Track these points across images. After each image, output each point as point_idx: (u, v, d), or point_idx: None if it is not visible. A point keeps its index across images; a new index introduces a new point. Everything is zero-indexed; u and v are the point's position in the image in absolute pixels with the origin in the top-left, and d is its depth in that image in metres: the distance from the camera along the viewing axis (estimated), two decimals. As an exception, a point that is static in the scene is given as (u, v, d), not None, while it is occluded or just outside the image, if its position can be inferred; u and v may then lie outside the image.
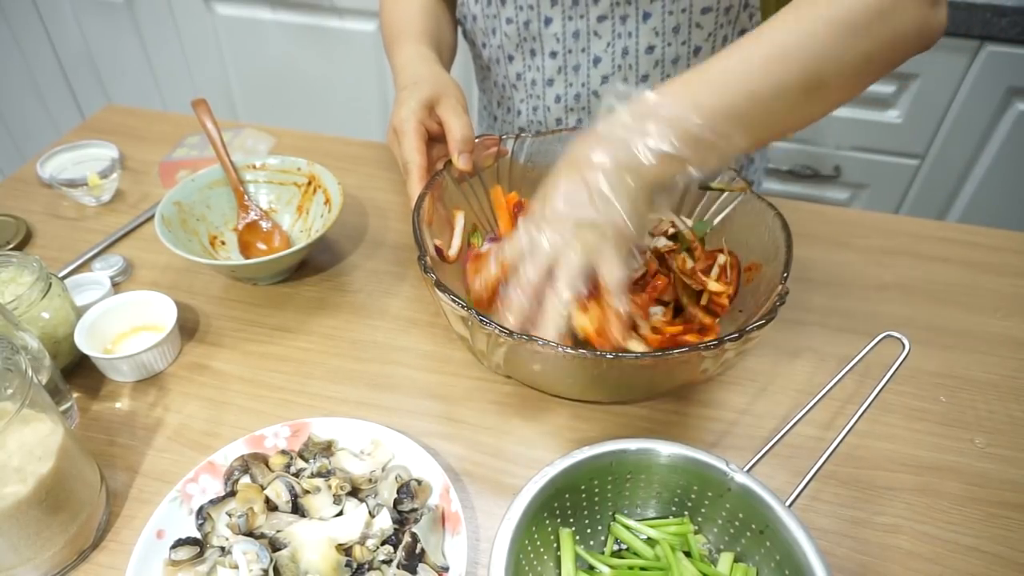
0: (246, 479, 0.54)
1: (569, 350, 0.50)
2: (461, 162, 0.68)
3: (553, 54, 0.84)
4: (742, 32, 0.80)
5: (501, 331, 0.51)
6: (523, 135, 0.73)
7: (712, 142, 0.53)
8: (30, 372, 0.47)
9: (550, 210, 0.54)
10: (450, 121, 0.69)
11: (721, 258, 0.65)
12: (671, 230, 0.68)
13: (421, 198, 0.64)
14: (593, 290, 0.54)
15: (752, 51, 0.53)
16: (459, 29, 0.93)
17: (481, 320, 0.52)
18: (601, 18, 0.79)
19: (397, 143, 0.70)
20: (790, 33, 0.53)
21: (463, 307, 0.53)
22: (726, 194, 0.69)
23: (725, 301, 0.63)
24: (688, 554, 0.49)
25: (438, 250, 0.65)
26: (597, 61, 0.82)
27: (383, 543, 0.51)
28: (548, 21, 0.81)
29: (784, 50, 0.53)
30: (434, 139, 0.71)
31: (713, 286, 0.63)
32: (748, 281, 0.65)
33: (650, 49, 0.79)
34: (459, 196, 0.70)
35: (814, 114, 0.57)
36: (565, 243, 0.53)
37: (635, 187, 0.53)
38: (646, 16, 0.77)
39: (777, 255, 0.61)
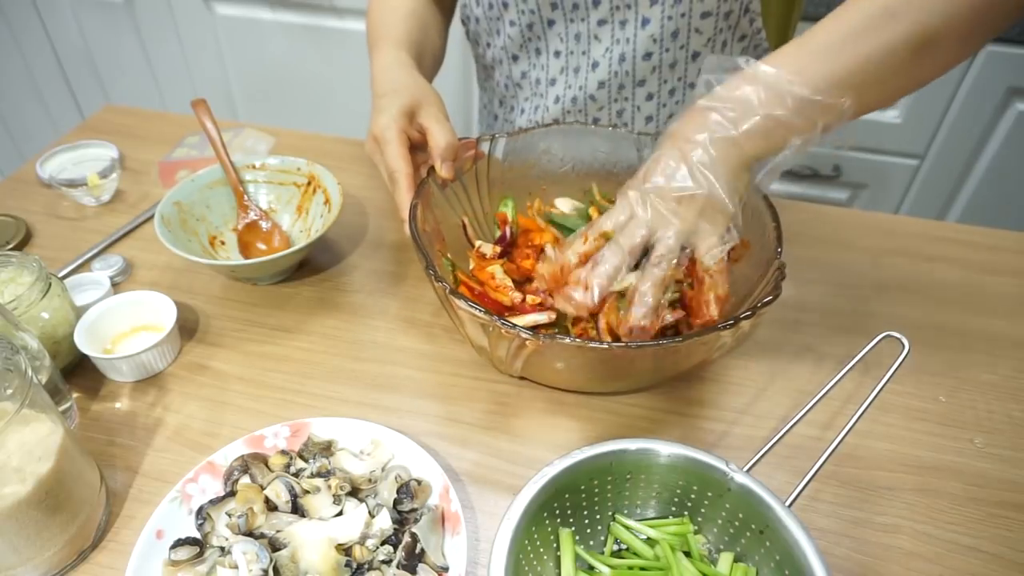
0: (246, 479, 0.54)
1: (599, 344, 0.51)
2: (444, 171, 0.68)
3: (557, 53, 0.84)
4: (742, 37, 0.80)
5: (526, 334, 0.51)
6: (497, 136, 0.73)
7: (817, 108, 0.51)
8: (30, 372, 0.47)
9: (650, 184, 0.55)
10: (433, 129, 0.68)
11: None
12: None
13: (414, 208, 0.64)
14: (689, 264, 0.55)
15: (856, 11, 0.51)
16: (463, 30, 0.93)
17: (503, 324, 0.52)
18: (601, 22, 0.79)
19: (379, 151, 0.69)
20: None
21: (484, 313, 0.53)
22: None
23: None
24: (688, 554, 0.49)
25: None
26: (595, 65, 0.82)
27: (383, 543, 0.51)
28: (551, 23, 0.81)
29: (889, 7, 0.50)
30: (415, 147, 0.71)
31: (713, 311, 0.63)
32: (737, 259, 0.65)
33: (648, 55, 0.79)
34: (444, 201, 0.70)
35: (926, 75, 0.55)
36: (663, 217, 0.54)
37: (735, 161, 0.53)
38: (645, 22, 0.77)
39: (765, 231, 0.62)
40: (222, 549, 0.50)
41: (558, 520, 0.49)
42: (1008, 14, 0.53)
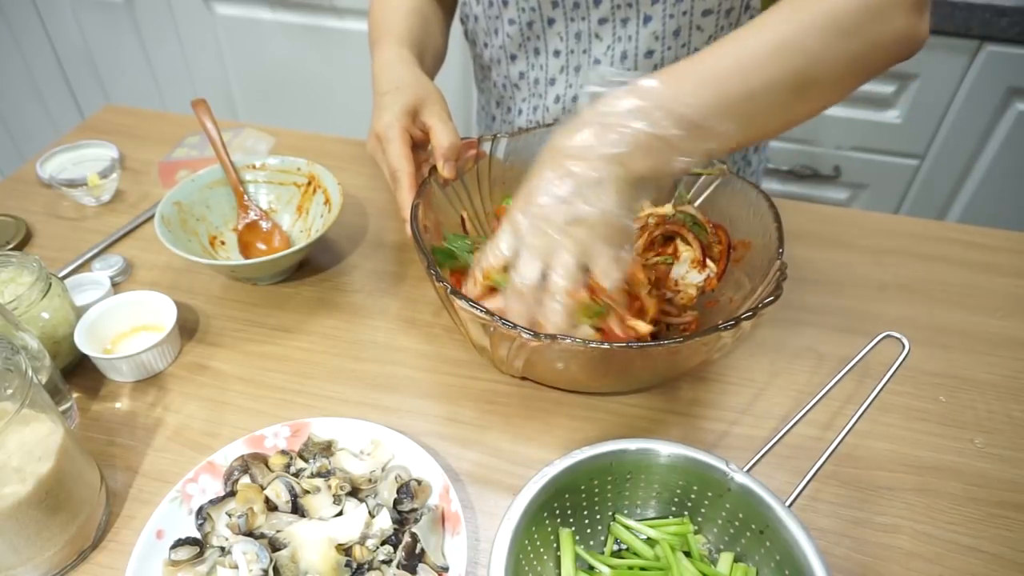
0: (246, 479, 0.54)
1: (599, 344, 0.51)
2: (446, 171, 0.68)
3: (556, 53, 0.84)
4: None
5: (527, 334, 0.51)
6: (499, 136, 0.73)
7: (702, 131, 0.52)
8: (30, 372, 0.47)
9: (536, 206, 0.52)
10: (436, 128, 0.68)
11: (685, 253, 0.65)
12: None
13: (415, 207, 0.64)
14: (589, 287, 0.54)
15: (746, 45, 0.53)
16: (462, 29, 0.93)
17: (505, 324, 0.52)
18: (602, 20, 0.79)
19: (381, 150, 0.69)
20: (783, 31, 0.53)
21: (485, 313, 0.53)
22: (703, 178, 0.69)
23: (692, 293, 0.64)
24: (688, 554, 0.49)
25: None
26: (596, 64, 0.82)
27: (383, 543, 0.51)
28: (551, 22, 0.81)
29: (777, 46, 0.52)
30: (417, 145, 0.70)
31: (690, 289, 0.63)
32: (739, 260, 0.65)
33: (649, 53, 0.79)
34: (445, 201, 0.70)
35: (801, 114, 0.57)
36: (556, 243, 0.51)
37: (624, 178, 0.51)
38: (647, 19, 0.77)
39: (766, 232, 0.62)
40: (222, 549, 0.50)
41: (558, 520, 0.49)
42: (880, 66, 0.57)
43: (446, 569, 0.50)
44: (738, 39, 0.53)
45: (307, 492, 0.53)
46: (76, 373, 0.66)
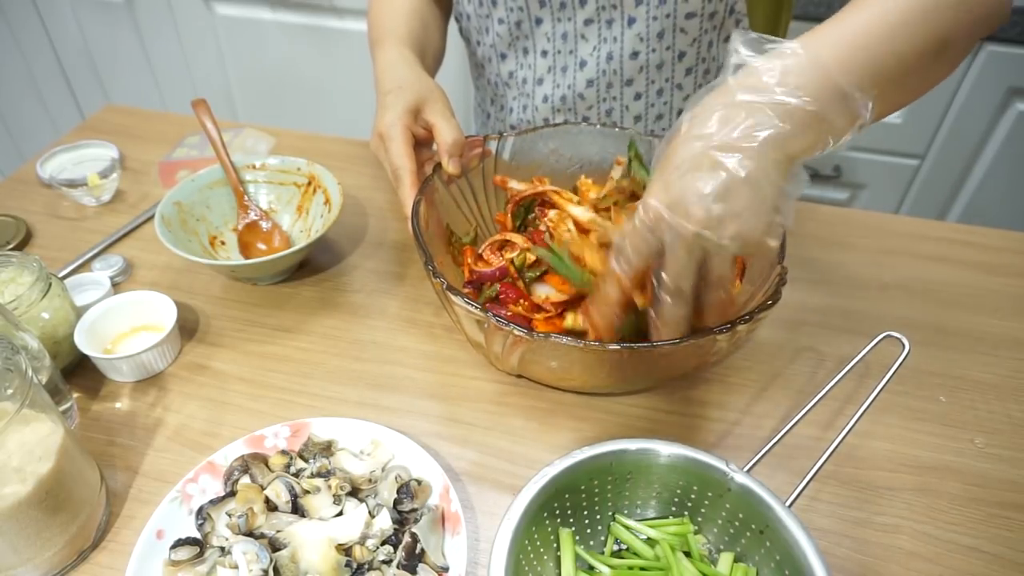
0: (246, 479, 0.54)
1: (592, 344, 0.51)
2: (451, 167, 0.68)
3: (544, 53, 0.84)
4: (728, 39, 0.80)
5: (520, 331, 0.51)
6: (505, 135, 0.73)
7: (855, 103, 0.47)
8: (30, 372, 0.47)
9: (688, 209, 0.46)
10: (439, 125, 0.68)
11: None
12: None
13: (417, 204, 0.64)
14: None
15: (887, 10, 0.48)
16: (457, 27, 0.93)
17: (498, 320, 0.52)
18: (588, 21, 0.79)
19: (383, 149, 0.70)
20: None
21: (479, 310, 0.53)
22: None
23: None
24: (688, 554, 0.49)
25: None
26: (583, 64, 0.82)
27: (383, 543, 0.51)
28: (539, 21, 0.81)
29: (924, 8, 0.48)
30: (420, 144, 0.71)
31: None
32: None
33: (634, 55, 0.79)
34: (448, 199, 0.70)
35: (939, 78, 0.54)
36: (712, 250, 0.47)
37: (783, 163, 0.47)
38: (631, 21, 0.77)
39: None
40: (222, 549, 0.50)
41: (558, 520, 0.49)
42: (978, 36, 0.54)
43: (446, 569, 0.50)
44: (877, 3, 0.49)
45: (307, 492, 0.53)
46: (76, 373, 0.66)
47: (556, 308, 0.62)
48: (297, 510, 0.52)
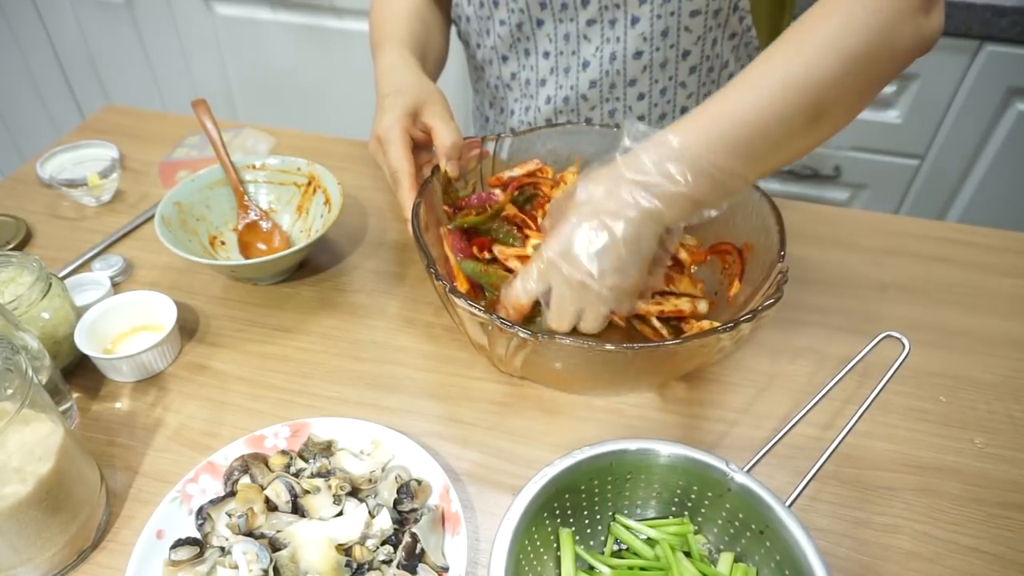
0: (246, 479, 0.54)
1: (597, 345, 0.51)
2: (450, 169, 0.68)
3: (546, 54, 0.84)
4: (732, 36, 0.80)
5: (524, 334, 0.52)
6: (503, 136, 0.73)
7: (728, 180, 0.53)
8: (30, 372, 0.47)
9: (575, 260, 0.54)
10: (438, 127, 0.68)
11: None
12: None
13: (416, 207, 0.64)
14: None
15: (756, 85, 0.53)
16: (455, 30, 0.93)
17: (502, 324, 0.52)
18: (590, 22, 0.79)
19: (382, 152, 0.70)
20: (793, 66, 0.52)
21: (483, 312, 0.53)
22: None
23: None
24: (688, 554, 0.49)
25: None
26: (586, 65, 0.82)
27: (383, 543, 0.51)
28: (540, 23, 0.81)
29: (787, 80, 0.52)
30: (418, 146, 0.71)
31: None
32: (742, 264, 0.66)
33: (638, 54, 0.79)
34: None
35: (819, 141, 0.57)
36: (594, 298, 0.55)
37: (656, 231, 0.55)
38: (634, 20, 0.77)
39: (768, 234, 0.62)
40: (222, 549, 0.50)
41: (558, 520, 0.49)
42: (893, 76, 0.57)
43: (446, 569, 0.50)
44: (749, 80, 0.54)
45: (307, 492, 0.53)
46: (76, 373, 0.66)
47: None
48: (297, 510, 0.52)
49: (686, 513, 0.51)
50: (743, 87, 0.53)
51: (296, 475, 0.54)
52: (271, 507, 0.53)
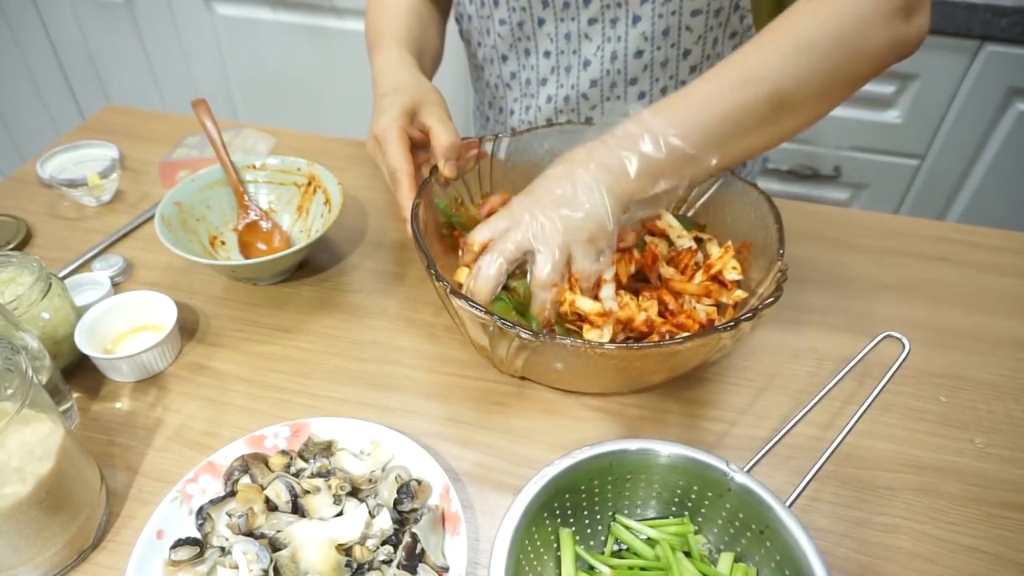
0: (246, 479, 0.54)
1: (598, 345, 0.51)
2: (448, 169, 0.68)
3: (547, 54, 0.84)
4: (733, 35, 0.80)
5: (526, 334, 0.51)
6: (501, 136, 0.73)
7: (687, 157, 0.57)
8: (30, 372, 0.47)
9: (536, 197, 0.59)
10: (435, 128, 0.68)
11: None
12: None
13: (416, 207, 0.64)
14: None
15: (722, 75, 0.58)
16: (457, 28, 0.93)
17: (504, 325, 0.52)
18: (591, 21, 0.79)
19: (380, 152, 0.70)
20: (753, 57, 0.58)
21: (484, 313, 0.53)
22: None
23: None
24: (688, 554, 0.49)
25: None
26: (587, 64, 0.82)
27: (383, 543, 0.51)
28: (541, 22, 0.81)
29: (747, 74, 0.57)
30: (416, 146, 0.71)
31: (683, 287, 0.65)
32: (740, 261, 0.65)
33: (639, 53, 0.79)
34: (447, 200, 0.70)
35: (785, 131, 0.60)
36: (545, 227, 0.57)
37: (614, 189, 0.58)
38: (636, 20, 0.77)
39: (767, 233, 0.62)
40: (222, 549, 0.50)
41: (558, 520, 0.49)
42: (866, 76, 0.60)
43: (446, 569, 0.50)
44: (717, 69, 0.59)
45: (307, 492, 0.53)
46: (76, 373, 0.66)
47: None
48: (297, 510, 0.52)
49: (686, 513, 0.51)
50: (710, 77, 0.59)
51: (296, 475, 0.54)
52: (271, 507, 0.53)
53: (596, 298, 0.59)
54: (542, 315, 0.58)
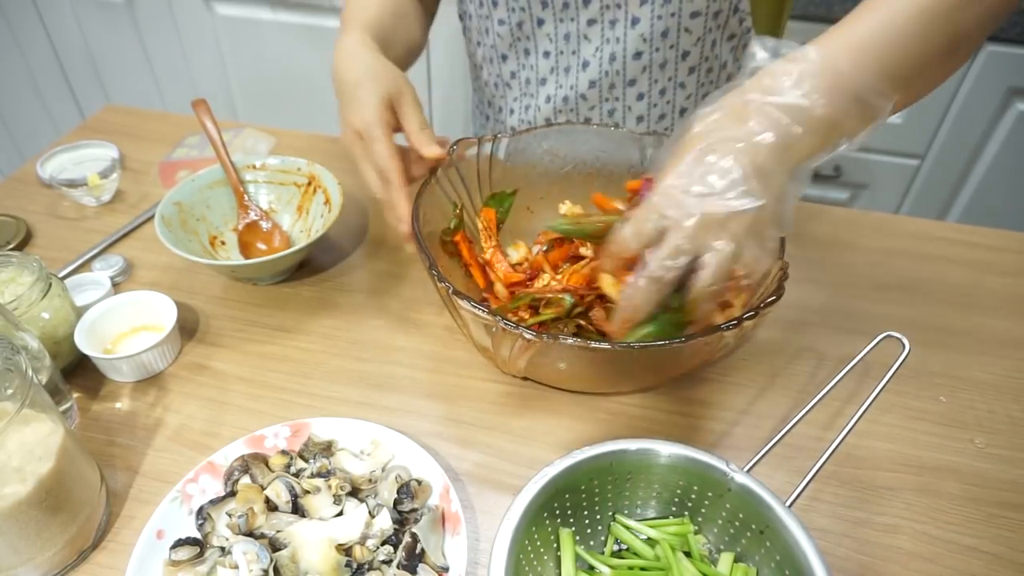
0: (246, 479, 0.54)
1: (601, 344, 0.51)
2: (433, 152, 0.65)
3: (546, 54, 0.84)
4: (731, 37, 0.80)
5: (529, 334, 0.51)
6: (500, 136, 0.73)
7: (866, 106, 0.48)
8: (30, 372, 0.47)
9: (695, 196, 0.47)
10: (409, 116, 0.66)
11: None
12: None
13: (416, 208, 0.63)
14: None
15: (898, 12, 0.49)
16: (461, 27, 0.93)
17: (507, 325, 0.52)
18: (591, 22, 0.79)
19: (361, 146, 0.66)
20: None
21: (488, 313, 0.53)
22: None
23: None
24: (688, 554, 0.49)
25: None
26: (586, 65, 0.82)
27: (383, 543, 0.51)
28: (540, 22, 0.81)
29: (932, 14, 0.49)
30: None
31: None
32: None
33: (638, 55, 0.79)
34: (443, 198, 0.69)
35: (950, 73, 0.56)
36: (710, 235, 0.47)
37: (789, 166, 0.48)
38: (634, 21, 0.77)
39: None
40: (222, 549, 0.50)
41: (558, 520, 0.49)
42: (1003, 18, 0.55)
43: (446, 569, 0.50)
44: (887, 4, 0.50)
45: (307, 492, 0.53)
46: (76, 373, 0.66)
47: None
48: (297, 510, 0.52)
49: (686, 513, 0.51)
50: (880, 11, 0.50)
51: (296, 475, 0.54)
52: (271, 507, 0.53)
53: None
54: (702, 325, 0.51)
